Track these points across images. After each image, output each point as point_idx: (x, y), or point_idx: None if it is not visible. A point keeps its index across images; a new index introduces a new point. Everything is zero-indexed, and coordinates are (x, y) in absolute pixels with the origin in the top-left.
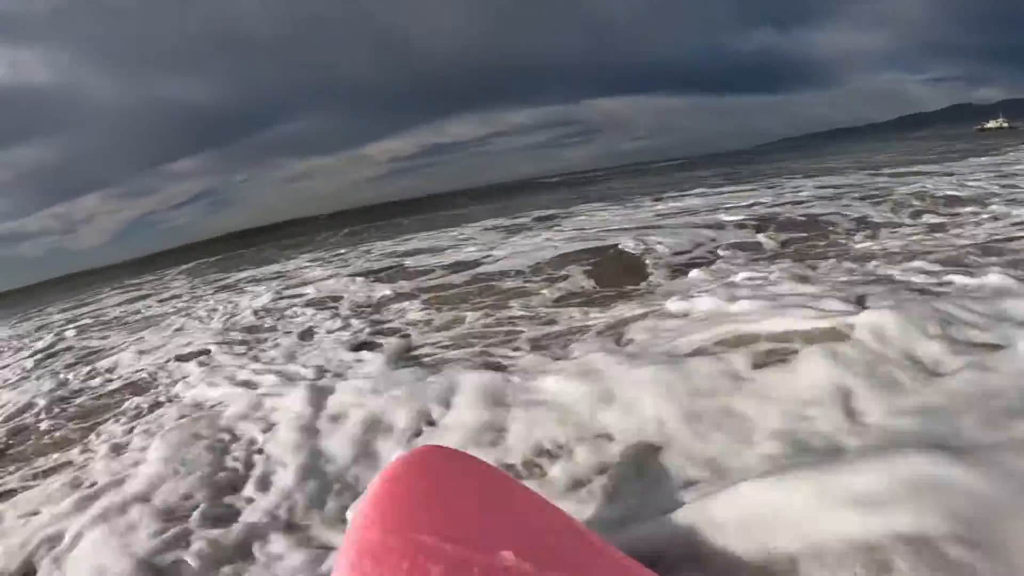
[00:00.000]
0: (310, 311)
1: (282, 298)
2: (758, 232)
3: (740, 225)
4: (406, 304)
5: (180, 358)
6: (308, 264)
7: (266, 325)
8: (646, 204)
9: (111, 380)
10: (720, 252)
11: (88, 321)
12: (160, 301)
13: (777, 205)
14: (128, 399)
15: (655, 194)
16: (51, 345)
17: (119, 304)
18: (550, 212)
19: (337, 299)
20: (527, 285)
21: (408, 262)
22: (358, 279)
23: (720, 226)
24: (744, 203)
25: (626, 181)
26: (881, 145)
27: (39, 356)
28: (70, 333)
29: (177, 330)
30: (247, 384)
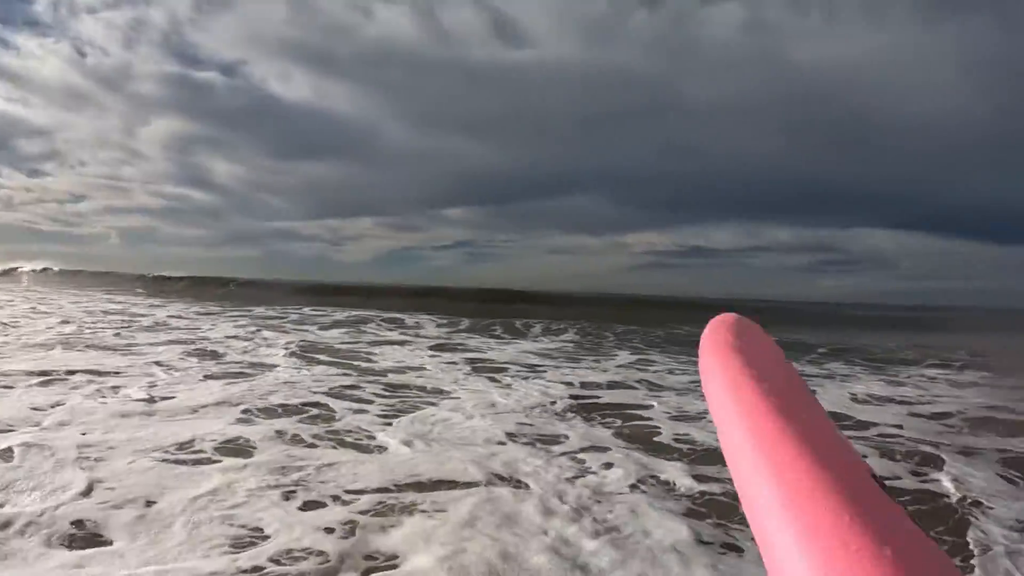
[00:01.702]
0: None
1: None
2: None
3: None
4: None
5: None
6: (547, 351)
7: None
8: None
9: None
10: None
11: (349, 368)
12: (419, 359)
13: None
14: None
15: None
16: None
17: (377, 344)
18: (809, 371)
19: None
20: None
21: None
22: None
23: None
24: None
25: (885, 335)
26: None
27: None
28: (318, 372)
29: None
30: None
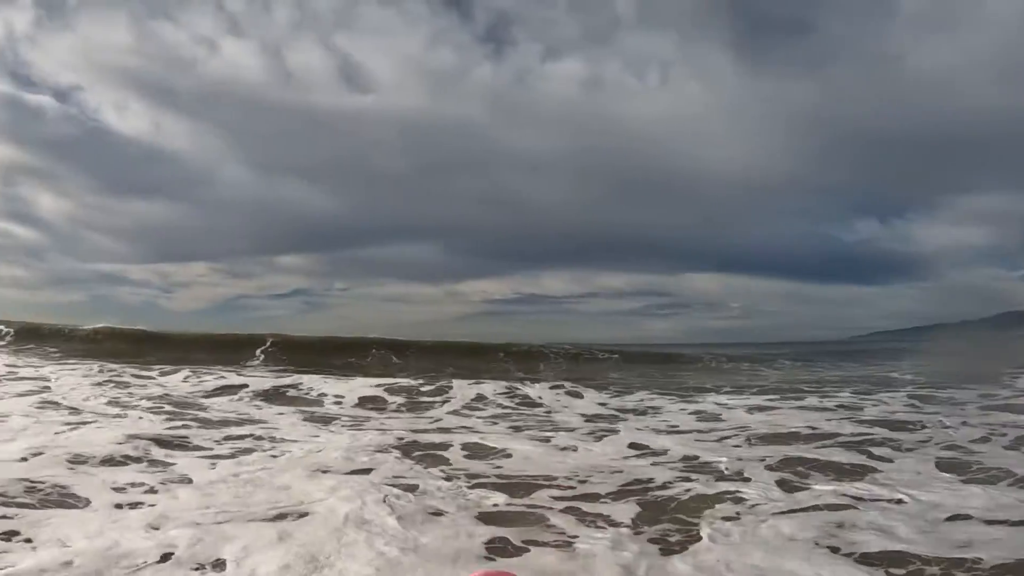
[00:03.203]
0: None
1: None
2: None
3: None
4: None
5: None
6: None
7: None
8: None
9: None
10: None
11: None
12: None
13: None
14: None
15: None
16: None
17: (213, 395)
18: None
19: None
20: None
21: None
22: None
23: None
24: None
25: (703, 372)
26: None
27: None
28: None
29: None
30: None
